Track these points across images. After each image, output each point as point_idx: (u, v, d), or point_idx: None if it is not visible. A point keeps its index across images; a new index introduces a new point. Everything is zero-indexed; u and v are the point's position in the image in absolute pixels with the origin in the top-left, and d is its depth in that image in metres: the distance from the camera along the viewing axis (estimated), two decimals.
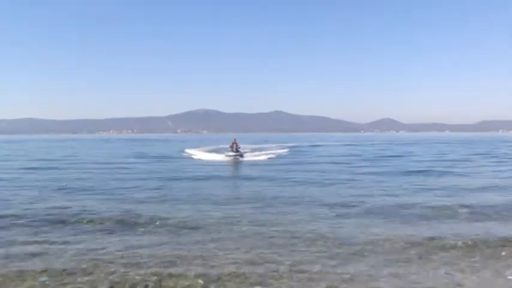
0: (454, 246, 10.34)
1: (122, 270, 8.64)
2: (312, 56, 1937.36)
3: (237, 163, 40.61)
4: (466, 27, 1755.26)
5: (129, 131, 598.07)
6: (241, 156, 44.16)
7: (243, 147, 49.62)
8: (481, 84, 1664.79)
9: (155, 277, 8.26)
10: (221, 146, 68.75)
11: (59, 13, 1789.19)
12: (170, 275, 8.41)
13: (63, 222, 13.07)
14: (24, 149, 73.15)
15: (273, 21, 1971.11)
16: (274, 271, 8.62)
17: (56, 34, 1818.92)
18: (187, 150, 56.86)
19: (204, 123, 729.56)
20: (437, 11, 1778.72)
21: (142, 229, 12.22)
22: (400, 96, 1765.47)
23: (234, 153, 43.83)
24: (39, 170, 32.01)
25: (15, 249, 10.17)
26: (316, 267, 8.81)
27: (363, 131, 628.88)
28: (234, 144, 45.21)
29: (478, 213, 14.49)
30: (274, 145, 77.74)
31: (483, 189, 20.54)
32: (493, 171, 30.17)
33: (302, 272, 8.57)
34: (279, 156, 49.82)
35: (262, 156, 48.41)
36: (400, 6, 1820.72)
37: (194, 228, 12.26)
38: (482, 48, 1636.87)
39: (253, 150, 57.50)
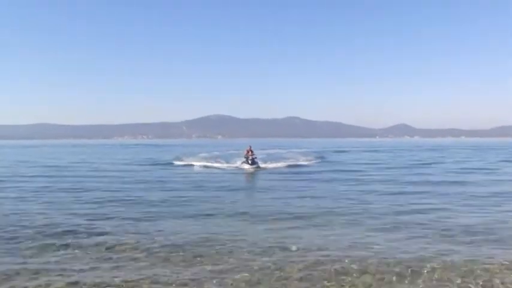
0: None
1: None
2: (326, 61, 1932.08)
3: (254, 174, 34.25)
4: (481, 29, 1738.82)
5: (144, 137, 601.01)
6: (258, 168, 37.41)
7: (258, 153, 41.82)
8: (497, 89, 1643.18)
9: None
10: (216, 153, 64.63)
11: (73, 17, 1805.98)
12: None
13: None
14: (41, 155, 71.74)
15: (286, 25, 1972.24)
16: None
17: (69, 39, 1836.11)
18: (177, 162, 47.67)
19: (218, 128, 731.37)
20: (451, 11, 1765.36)
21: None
22: (413, 101, 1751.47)
23: (250, 166, 36.88)
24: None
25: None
26: None
27: (377, 137, 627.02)
28: (250, 153, 38.04)
29: None
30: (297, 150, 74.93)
31: None
32: None
33: None
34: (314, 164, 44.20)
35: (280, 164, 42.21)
36: (411, 6, 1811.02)
37: None
38: (499, 51, 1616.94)
39: (268, 156, 51.63)
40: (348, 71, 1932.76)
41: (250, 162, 37.38)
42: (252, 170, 36.33)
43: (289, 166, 41.30)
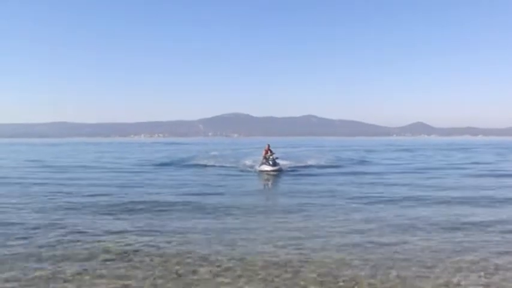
0: None
1: None
2: (341, 59, 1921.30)
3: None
4: (495, 28, 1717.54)
5: (161, 135, 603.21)
6: (281, 170, 31.10)
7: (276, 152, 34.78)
8: None
9: None
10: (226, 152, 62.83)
11: (87, 14, 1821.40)
12: None
13: None
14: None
15: (303, 23, 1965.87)
16: None
17: (84, 37, 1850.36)
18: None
19: (234, 127, 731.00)
20: (469, 9, 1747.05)
21: None
22: (430, 99, 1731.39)
23: (271, 168, 30.79)
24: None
25: None
26: None
27: (394, 135, 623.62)
28: (268, 152, 32.45)
29: None
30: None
31: None
32: None
33: None
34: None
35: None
36: (428, 4, 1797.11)
37: None
38: None
39: (289, 155, 47.58)
40: (363, 69, 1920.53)
41: (271, 163, 31.22)
42: (273, 173, 30.23)
43: (313, 167, 36.36)
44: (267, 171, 30.71)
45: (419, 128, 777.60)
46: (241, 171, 33.58)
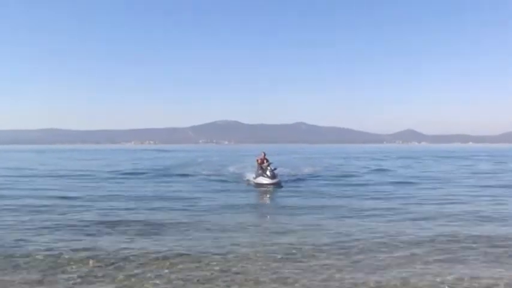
0: None
1: None
2: (332, 66, 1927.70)
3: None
4: (489, 34, 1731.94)
5: (151, 142, 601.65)
6: (280, 185, 25.64)
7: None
8: (504, 94, 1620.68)
9: None
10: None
11: (81, 20, 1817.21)
12: None
13: None
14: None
15: (293, 30, 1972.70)
16: None
17: (78, 44, 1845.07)
18: None
19: (225, 134, 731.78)
20: (460, 17, 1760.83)
21: None
22: (420, 107, 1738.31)
23: (270, 182, 25.42)
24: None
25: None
26: None
27: (385, 142, 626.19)
28: (265, 162, 27.39)
29: None
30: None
31: None
32: None
33: None
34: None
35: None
36: (419, 12, 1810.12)
37: None
38: (508, 55, 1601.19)
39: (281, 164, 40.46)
40: (354, 77, 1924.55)
41: (269, 174, 25.87)
42: (272, 186, 25.20)
43: (313, 178, 30.86)
44: (265, 184, 25.33)
45: (410, 135, 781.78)
46: (225, 181, 28.73)
